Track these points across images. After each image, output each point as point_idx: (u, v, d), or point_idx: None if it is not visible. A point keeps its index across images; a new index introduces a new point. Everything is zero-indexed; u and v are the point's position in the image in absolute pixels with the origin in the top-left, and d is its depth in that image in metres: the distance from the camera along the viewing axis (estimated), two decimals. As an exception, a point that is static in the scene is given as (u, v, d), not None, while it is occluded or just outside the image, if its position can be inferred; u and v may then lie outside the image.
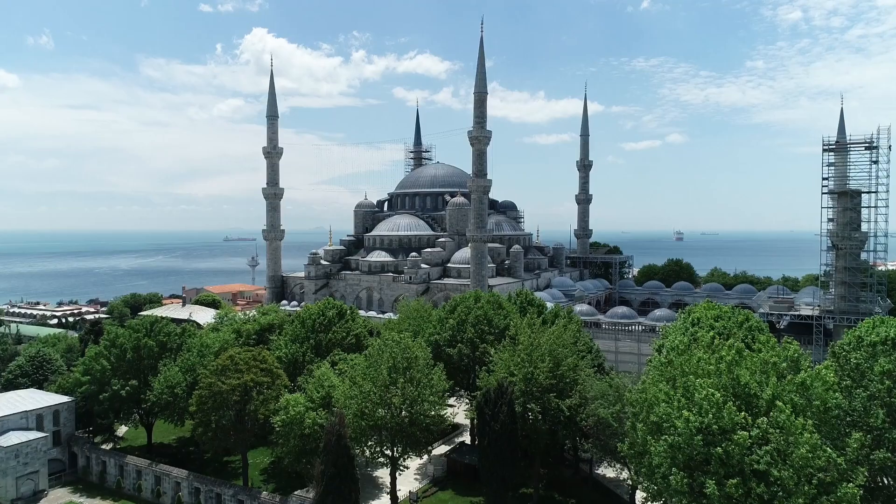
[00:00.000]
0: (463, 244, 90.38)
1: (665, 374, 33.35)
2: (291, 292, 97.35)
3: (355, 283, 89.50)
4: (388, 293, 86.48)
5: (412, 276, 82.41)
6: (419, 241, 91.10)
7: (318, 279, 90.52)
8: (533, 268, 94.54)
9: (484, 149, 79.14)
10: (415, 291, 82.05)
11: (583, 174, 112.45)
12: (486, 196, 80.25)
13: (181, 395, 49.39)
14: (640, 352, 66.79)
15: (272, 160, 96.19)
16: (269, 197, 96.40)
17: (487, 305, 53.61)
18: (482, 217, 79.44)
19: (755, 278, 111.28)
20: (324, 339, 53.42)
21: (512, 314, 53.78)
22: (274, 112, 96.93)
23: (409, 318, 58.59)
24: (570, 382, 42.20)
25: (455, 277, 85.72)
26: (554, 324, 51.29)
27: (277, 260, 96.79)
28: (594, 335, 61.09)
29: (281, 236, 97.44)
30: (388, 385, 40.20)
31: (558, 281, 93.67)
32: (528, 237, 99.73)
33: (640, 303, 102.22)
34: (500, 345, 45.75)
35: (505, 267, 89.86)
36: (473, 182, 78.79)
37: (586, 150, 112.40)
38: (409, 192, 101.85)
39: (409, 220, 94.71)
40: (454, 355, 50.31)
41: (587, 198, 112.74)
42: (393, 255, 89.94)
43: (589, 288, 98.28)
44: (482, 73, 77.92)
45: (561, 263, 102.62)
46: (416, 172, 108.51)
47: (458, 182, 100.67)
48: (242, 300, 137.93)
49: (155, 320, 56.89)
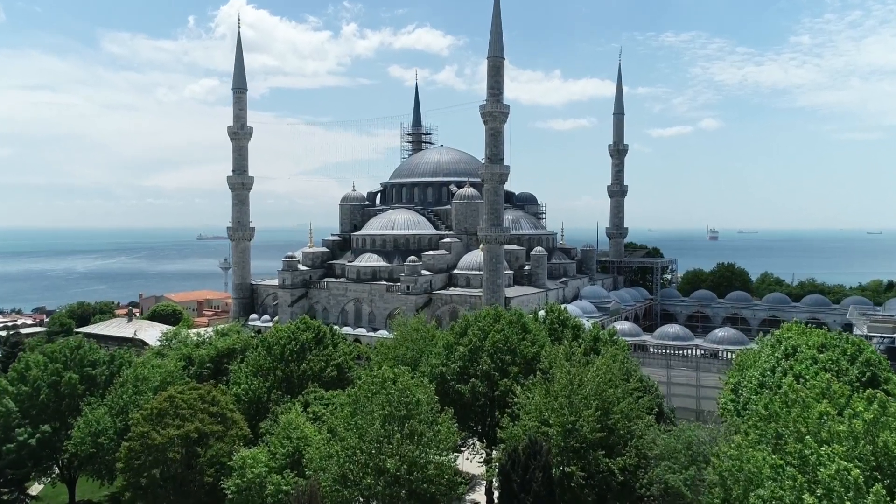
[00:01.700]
0: (472, 245, 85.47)
1: (766, 433, 27.03)
2: (263, 304, 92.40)
3: (340, 294, 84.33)
4: (380, 306, 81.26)
5: (410, 286, 76.87)
6: (419, 241, 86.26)
7: (294, 288, 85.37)
8: (558, 274, 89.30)
9: (500, 127, 73.36)
10: (413, 304, 76.55)
11: (616, 161, 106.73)
12: (502, 186, 74.39)
13: (108, 446, 42.83)
14: (699, 383, 60.46)
15: (239, 142, 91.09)
16: (236, 187, 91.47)
17: (509, 328, 47.17)
18: (498, 212, 73.43)
19: (825, 287, 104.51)
20: (296, 372, 46.86)
21: (541, 339, 47.11)
22: (242, 84, 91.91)
23: (406, 342, 52.69)
24: (625, 435, 35.81)
25: (463, 287, 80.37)
26: (596, 351, 45.00)
27: (246, 264, 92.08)
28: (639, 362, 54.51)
29: (250, 235, 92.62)
30: (381, 440, 33.38)
31: (589, 291, 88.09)
32: (551, 237, 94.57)
33: (686, 317, 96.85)
34: (528, 381, 39.68)
35: (525, 273, 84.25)
36: (487, 169, 72.51)
37: (621, 131, 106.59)
38: (407, 182, 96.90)
39: (407, 215, 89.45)
40: (465, 393, 43.75)
41: (622, 189, 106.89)
42: (387, 258, 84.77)
43: (626, 299, 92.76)
44: (498, 34, 71.93)
45: (591, 269, 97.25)
46: (415, 158, 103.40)
47: (467, 169, 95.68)
48: (209, 310, 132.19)
49: (79, 345, 50.20)
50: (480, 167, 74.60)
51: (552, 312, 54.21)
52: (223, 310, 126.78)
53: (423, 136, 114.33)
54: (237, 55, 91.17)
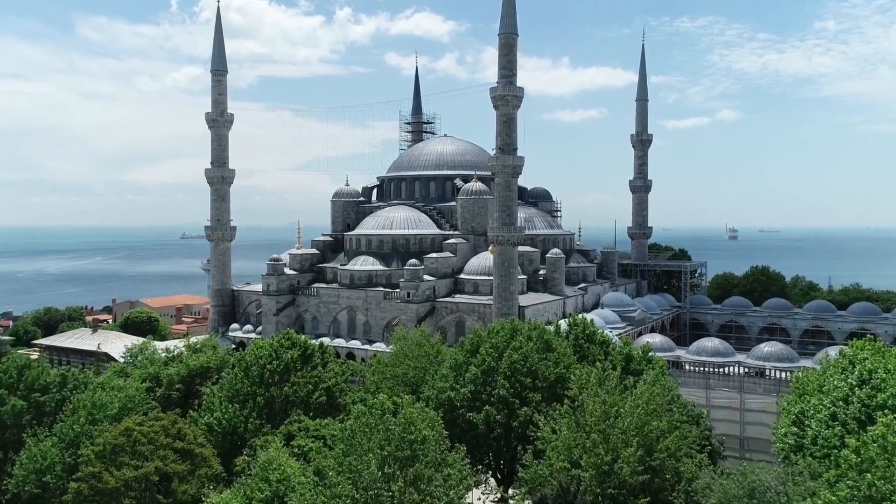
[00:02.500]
0: (481, 247, 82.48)
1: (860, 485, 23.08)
2: (245, 312, 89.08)
3: (332, 301, 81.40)
4: (377, 315, 78.29)
5: (411, 293, 73.80)
6: (420, 242, 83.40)
7: (280, 295, 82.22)
8: (576, 279, 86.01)
9: (513, 113, 70.05)
10: (414, 313, 73.43)
11: (639, 152, 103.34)
12: (515, 181, 71.32)
13: (55, 485, 38.88)
14: (743, 406, 56.59)
15: (219, 131, 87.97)
16: (215, 181, 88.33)
17: (529, 345, 43.66)
18: (510, 210, 70.22)
19: (872, 293, 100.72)
20: (278, 397, 43.10)
21: (566, 358, 43.46)
22: (221, 66, 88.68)
23: (407, 359, 49.68)
24: (672, 479, 32.07)
25: (471, 294, 77.40)
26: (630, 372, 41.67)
27: (226, 267, 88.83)
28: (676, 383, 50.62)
29: (231, 235, 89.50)
30: (379, 487, 29.38)
31: (612, 298, 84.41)
32: (568, 238, 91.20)
33: (718, 327, 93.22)
34: (554, 411, 36.06)
35: (539, 279, 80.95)
36: (498, 160, 69.14)
37: (644, 119, 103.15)
38: (407, 176, 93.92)
39: (407, 213, 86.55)
40: (479, 423, 40.15)
41: (646, 184, 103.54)
42: (384, 261, 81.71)
43: (651, 307, 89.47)
44: (511, 7, 68.83)
45: (613, 273, 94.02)
46: (415, 149, 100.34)
47: (474, 161, 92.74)
48: (189, 317, 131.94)
49: (25, 365, 46.12)
50: (490, 158, 71.37)
51: (576, 325, 50.74)
52: (204, 316, 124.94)
53: (423, 125, 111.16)
54: (216, 33, 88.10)
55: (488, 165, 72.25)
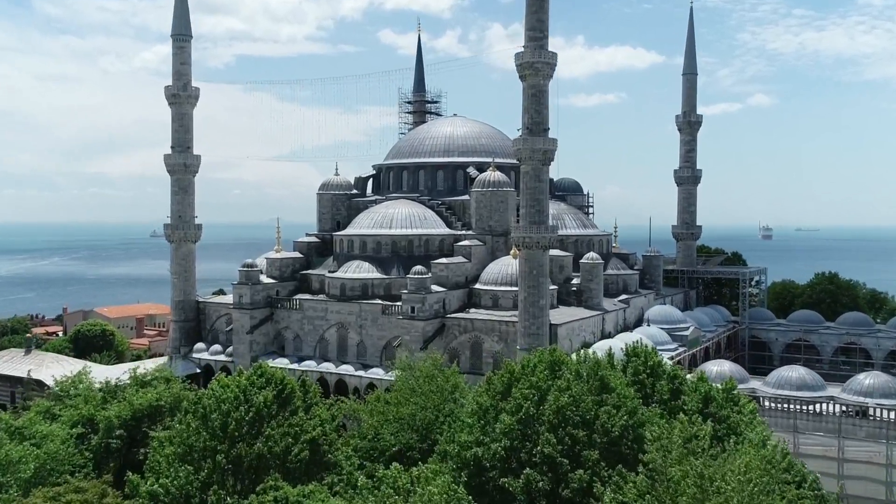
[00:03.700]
0: (500, 250, 77.90)
1: None
2: (213, 329, 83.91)
3: (318, 316, 76.71)
4: (373, 334, 73.48)
5: (416, 307, 68.83)
6: (426, 244, 78.85)
7: (255, 309, 77.20)
8: (616, 290, 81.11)
9: (544, 85, 64.60)
10: (420, 333, 68.24)
11: (687, 136, 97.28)
12: (546, 169, 65.72)
13: None
14: (841, 456, 50.19)
15: (181, 108, 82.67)
16: (176, 169, 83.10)
17: (579, 384, 37.01)
18: (540, 205, 64.89)
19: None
20: (247, 455, 37.01)
21: (629, 401, 37.01)
22: (184, 29, 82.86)
23: (415, 396, 45.05)
24: None
25: (489, 308, 72.54)
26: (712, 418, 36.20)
27: (189, 274, 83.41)
28: None
29: (195, 235, 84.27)
30: None
31: (659, 312, 79.18)
32: (605, 239, 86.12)
33: (784, 346, 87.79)
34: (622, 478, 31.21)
35: (572, 289, 75.91)
36: (525, 143, 64.02)
37: (693, 97, 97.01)
38: (409, 164, 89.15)
39: (410, 208, 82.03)
40: (516, 491, 34.02)
41: (695, 174, 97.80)
42: (382, 268, 77.10)
43: (704, 323, 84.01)
44: None
45: (657, 282, 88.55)
46: (419, 132, 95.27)
47: (490, 146, 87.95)
48: (151, 329, 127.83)
49: None
50: (515, 141, 65.89)
51: (635, 355, 44.35)
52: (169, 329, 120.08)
53: (427, 104, 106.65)
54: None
55: (512, 150, 67.25)
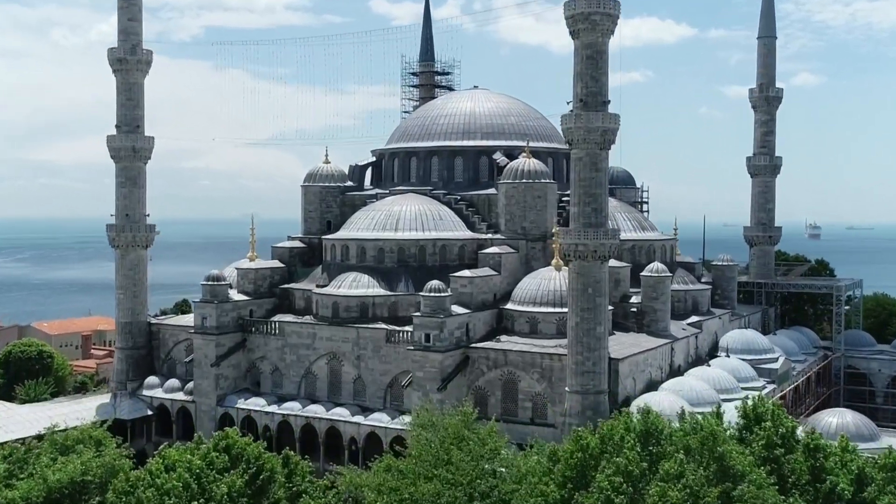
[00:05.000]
0: (537, 259, 74.12)
1: None
2: (169, 358, 79.64)
3: (304, 344, 72.63)
4: (375, 368, 69.35)
5: (432, 335, 64.08)
6: (442, 252, 75.02)
7: (223, 334, 72.80)
8: (682, 309, 76.54)
9: (603, 44, 59.48)
10: (438, 368, 63.42)
11: (764, 115, 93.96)
12: (605, 154, 60.19)
13: None
14: None
15: (128, 77, 78.79)
16: (123, 155, 78.96)
17: (688, 464, 32.43)
18: (597, 201, 59.79)
19: None
20: None
21: (766, 492, 30.89)
22: None
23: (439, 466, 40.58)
24: None
25: (526, 335, 67.74)
26: None
27: (139, 289, 79.52)
28: None
29: (146, 239, 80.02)
30: None
31: (738, 339, 75.07)
32: (668, 245, 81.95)
33: (889, 380, 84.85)
34: None
35: (631, 310, 71.02)
36: (577, 121, 58.79)
37: (771, 66, 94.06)
38: (419, 149, 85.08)
39: (420, 205, 78.04)
40: None
41: (773, 163, 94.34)
42: (386, 281, 72.83)
43: (791, 350, 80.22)
44: None
45: (730, 298, 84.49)
46: (430, 108, 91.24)
47: (522, 126, 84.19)
48: (100, 348, 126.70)
49: None
50: (564, 118, 60.00)
51: (758, 416, 38.19)
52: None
53: (437, 75, 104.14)
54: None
55: (562, 129, 61.16)
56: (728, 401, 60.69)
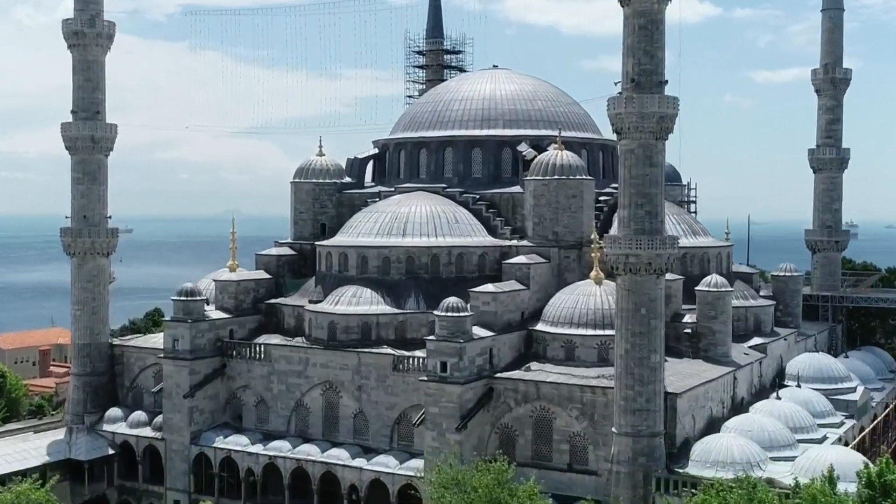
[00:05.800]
0: (572, 270, 71.91)
1: None
2: (135, 387, 77.49)
3: (294, 371, 70.43)
4: (380, 401, 67.06)
5: (450, 363, 61.30)
6: (459, 262, 73.00)
7: (198, 359, 70.73)
8: (743, 328, 74.05)
9: (659, 12, 56.51)
10: (457, 402, 60.41)
11: (830, 101, 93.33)
12: (662, 146, 57.30)
13: None
14: None
15: (86, 52, 76.77)
16: (80, 146, 76.72)
17: None
18: (651, 202, 56.95)
19: None
20: None
21: None
22: None
23: None
24: None
25: (561, 361, 64.98)
26: None
27: (99, 304, 77.09)
28: None
29: (107, 245, 77.30)
30: None
31: (809, 365, 72.47)
32: (724, 253, 79.80)
33: None
34: None
35: (685, 331, 68.30)
36: (628, 105, 55.86)
37: (838, 42, 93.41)
38: (430, 139, 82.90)
39: (432, 205, 76.14)
40: None
41: (840, 156, 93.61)
42: (392, 296, 70.80)
43: (866, 376, 78.20)
44: None
45: (794, 315, 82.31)
46: (443, 91, 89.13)
47: (551, 113, 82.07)
48: (60, 364, 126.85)
49: None
50: (612, 102, 56.90)
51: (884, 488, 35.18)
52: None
53: (446, 54, 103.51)
54: None
55: (609, 115, 57.83)
56: (804, 442, 57.66)
